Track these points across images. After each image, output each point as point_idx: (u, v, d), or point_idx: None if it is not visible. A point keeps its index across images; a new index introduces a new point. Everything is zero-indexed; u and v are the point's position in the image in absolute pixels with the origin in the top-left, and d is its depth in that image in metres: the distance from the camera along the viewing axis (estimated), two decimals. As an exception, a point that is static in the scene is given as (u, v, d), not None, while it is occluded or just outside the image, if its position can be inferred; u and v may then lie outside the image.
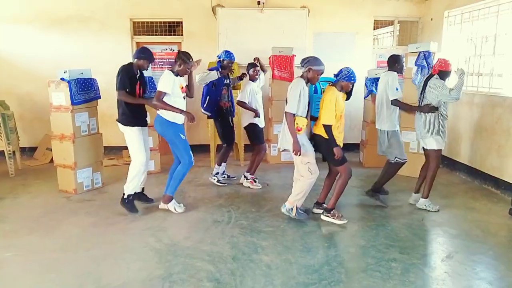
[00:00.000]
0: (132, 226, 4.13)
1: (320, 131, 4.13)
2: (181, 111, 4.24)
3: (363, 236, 3.89)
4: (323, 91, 6.60)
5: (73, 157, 4.98)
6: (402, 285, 3.05)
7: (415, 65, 5.65)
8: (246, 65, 5.48)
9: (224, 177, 5.60)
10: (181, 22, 7.12)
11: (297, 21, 6.94)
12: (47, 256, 3.47)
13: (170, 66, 7.18)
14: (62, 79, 4.91)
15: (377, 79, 5.95)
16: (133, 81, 4.43)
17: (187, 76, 4.54)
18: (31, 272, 3.22)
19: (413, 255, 3.53)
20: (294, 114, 4.02)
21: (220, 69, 5.27)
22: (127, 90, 4.36)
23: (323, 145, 4.15)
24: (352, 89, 4.30)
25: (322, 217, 4.25)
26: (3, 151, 5.88)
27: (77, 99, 4.94)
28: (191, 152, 4.42)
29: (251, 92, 5.29)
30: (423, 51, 5.61)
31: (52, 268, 3.27)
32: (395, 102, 4.58)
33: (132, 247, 3.64)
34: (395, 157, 4.64)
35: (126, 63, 4.51)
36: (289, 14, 6.94)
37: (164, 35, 7.29)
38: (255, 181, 5.36)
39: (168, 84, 4.21)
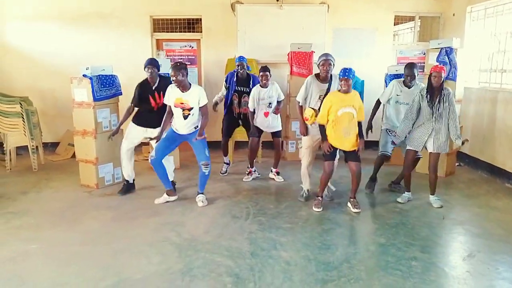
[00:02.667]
0: (152, 220, 4.19)
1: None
2: (163, 131, 4.48)
3: (382, 234, 3.86)
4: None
5: (95, 152, 5.06)
6: (423, 283, 3.02)
7: (437, 61, 5.55)
8: (260, 67, 5.45)
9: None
10: (200, 19, 7.15)
11: (316, 17, 6.88)
12: (69, 249, 3.55)
13: (190, 63, 7.30)
14: (84, 75, 4.98)
15: (397, 75, 5.88)
16: (146, 95, 4.76)
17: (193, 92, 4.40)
18: (53, 265, 3.30)
19: (434, 254, 3.50)
20: (299, 102, 4.73)
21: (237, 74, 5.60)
22: (134, 104, 4.84)
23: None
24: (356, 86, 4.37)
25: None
26: (27, 146, 6.00)
27: (99, 95, 5.02)
28: (156, 150, 4.52)
29: (256, 99, 5.27)
30: (445, 47, 5.52)
31: (74, 261, 3.34)
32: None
33: (152, 241, 3.69)
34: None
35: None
36: (308, 10, 6.89)
37: (184, 32, 7.33)
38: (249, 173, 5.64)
39: (166, 97, 4.47)
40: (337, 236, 3.84)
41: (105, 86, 5.09)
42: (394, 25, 7.31)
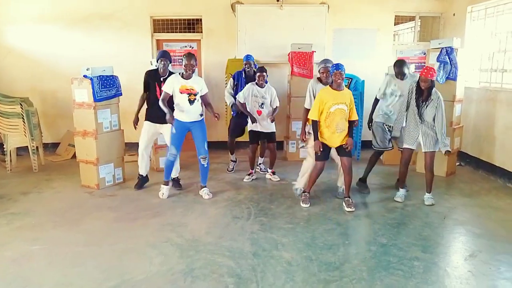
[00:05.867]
0: (153, 221, 4.18)
1: None
2: (168, 112, 4.56)
3: (384, 235, 3.86)
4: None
5: (96, 153, 5.07)
6: (425, 283, 3.02)
7: (437, 61, 5.56)
8: (257, 68, 5.50)
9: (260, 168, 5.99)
10: (201, 20, 7.15)
11: (317, 17, 6.88)
12: (72, 250, 3.54)
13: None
14: (85, 76, 4.98)
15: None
16: (153, 83, 4.96)
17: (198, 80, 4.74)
18: (57, 265, 3.29)
19: (435, 254, 3.50)
20: (307, 109, 4.74)
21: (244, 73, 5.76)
22: (145, 91, 5.07)
23: None
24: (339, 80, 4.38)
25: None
26: (27, 146, 6.00)
27: (100, 96, 5.02)
28: (173, 147, 4.74)
29: (249, 93, 5.35)
30: (445, 47, 5.52)
31: (77, 262, 3.34)
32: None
33: (154, 242, 3.68)
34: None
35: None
36: (309, 10, 6.89)
37: (184, 32, 7.33)
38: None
39: (167, 84, 4.60)
40: (339, 236, 3.84)
41: (105, 87, 5.09)
42: (395, 25, 7.31)
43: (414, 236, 3.83)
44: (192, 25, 7.37)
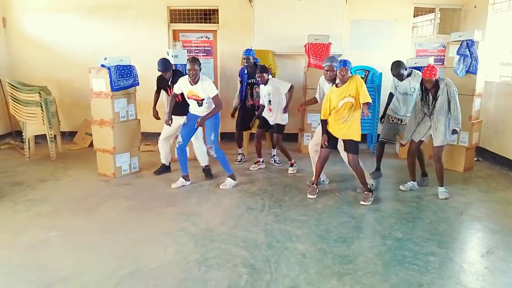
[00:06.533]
0: (168, 210, 4.22)
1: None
2: (169, 112, 4.90)
3: (399, 229, 3.82)
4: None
5: (112, 142, 5.11)
6: (440, 279, 2.99)
7: (458, 54, 5.45)
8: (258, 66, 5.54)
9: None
10: (217, 10, 7.13)
11: (334, 8, 6.78)
12: (88, 237, 3.60)
13: (206, 54, 7.29)
14: (103, 65, 5.02)
15: (417, 68, 5.78)
16: (163, 87, 5.32)
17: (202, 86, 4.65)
18: (73, 252, 3.35)
19: (451, 250, 3.46)
20: (316, 98, 5.02)
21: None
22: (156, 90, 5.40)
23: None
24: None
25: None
26: (45, 135, 6.08)
27: (117, 85, 5.05)
28: (180, 136, 4.83)
29: (260, 93, 5.56)
30: (466, 40, 5.40)
31: (93, 249, 3.39)
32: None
33: (169, 231, 3.72)
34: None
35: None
36: (326, 1, 6.78)
37: (200, 22, 7.32)
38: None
39: (176, 87, 4.78)
40: (353, 230, 3.82)
41: (122, 77, 5.12)
42: (414, 17, 7.18)
43: (430, 231, 3.78)
44: (209, 15, 7.35)
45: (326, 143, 4.49)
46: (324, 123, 4.52)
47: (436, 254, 3.35)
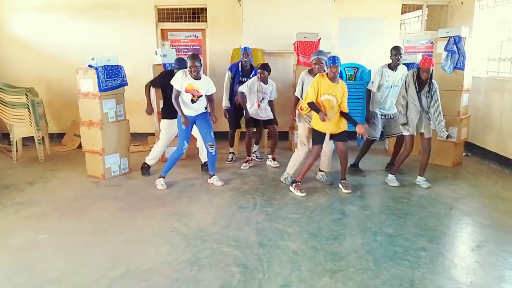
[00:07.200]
0: (159, 211, 4.19)
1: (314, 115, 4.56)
2: (182, 113, 4.65)
3: (390, 225, 3.84)
4: (349, 77, 6.61)
5: (101, 143, 5.06)
6: (431, 274, 3.00)
7: (445, 51, 5.50)
8: (261, 64, 5.56)
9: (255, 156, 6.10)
10: (205, 8, 7.10)
11: (323, 6, 6.80)
12: (78, 239, 3.56)
13: (194, 53, 7.24)
14: (90, 66, 4.96)
15: (405, 64, 5.81)
16: (167, 84, 4.82)
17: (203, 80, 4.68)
18: (63, 254, 3.31)
19: (442, 245, 3.48)
20: (296, 97, 4.99)
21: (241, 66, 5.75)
22: (152, 85, 5.22)
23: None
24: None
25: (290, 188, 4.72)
26: (33, 137, 6.01)
27: (105, 86, 5.00)
28: (185, 141, 4.78)
29: (255, 87, 5.43)
30: (453, 36, 5.44)
31: (83, 251, 3.35)
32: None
33: (160, 232, 3.69)
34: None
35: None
36: (315, -1, 6.81)
37: (188, 21, 7.28)
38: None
39: (176, 82, 4.57)
40: (345, 227, 3.83)
41: (110, 77, 5.07)
42: (402, 14, 7.22)
43: (420, 226, 3.81)
44: (197, 14, 7.31)
45: (324, 117, 4.38)
46: (313, 104, 4.44)
47: (426, 249, 3.37)
